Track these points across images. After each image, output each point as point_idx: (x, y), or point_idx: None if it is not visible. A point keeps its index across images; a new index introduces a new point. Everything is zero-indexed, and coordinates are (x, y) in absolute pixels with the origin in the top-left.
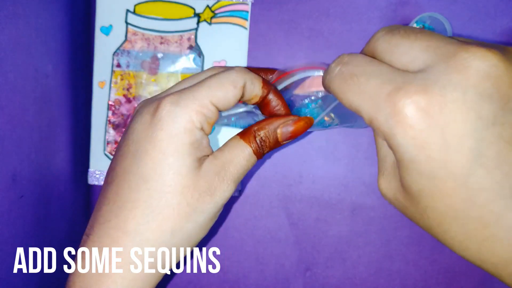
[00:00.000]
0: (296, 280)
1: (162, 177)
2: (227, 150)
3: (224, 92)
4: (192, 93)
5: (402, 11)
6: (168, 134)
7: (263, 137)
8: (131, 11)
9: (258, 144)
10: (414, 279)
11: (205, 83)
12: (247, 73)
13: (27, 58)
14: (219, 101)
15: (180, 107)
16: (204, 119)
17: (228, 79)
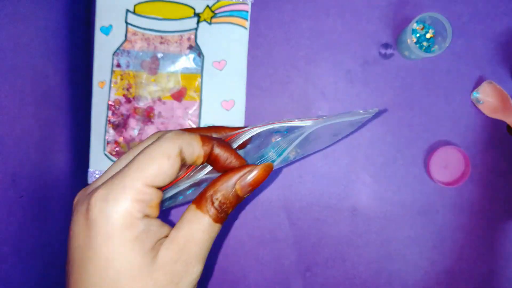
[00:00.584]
0: (296, 280)
1: (115, 283)
2: (184, 227)
3: (158, 168)
4: (121, 181)
5: (402, 11)
6: (106, 237)
7: (221, 200)
8: (131, 11)
9: (218, 209)
10: (414, 279)
11: (134, 164)
12: (180, 136)
13: (27, 58)
14: (155, 180)
15: (111, 202)
16: (144, 205)
17: (159, 151)
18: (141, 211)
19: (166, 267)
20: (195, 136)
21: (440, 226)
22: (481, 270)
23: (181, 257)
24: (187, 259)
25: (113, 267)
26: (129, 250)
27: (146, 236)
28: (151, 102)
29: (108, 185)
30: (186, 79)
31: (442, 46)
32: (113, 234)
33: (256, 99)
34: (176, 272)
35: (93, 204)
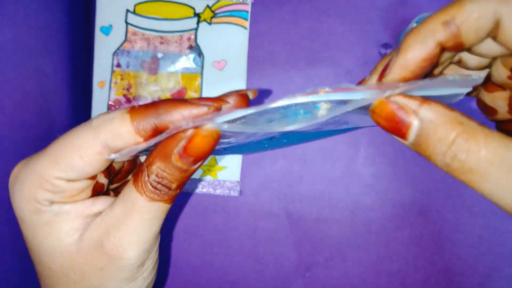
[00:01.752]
0: (296, 280)
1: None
2: (117, 206)
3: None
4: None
5: (402, 11)
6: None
7: (158, 174)
8: (131, 11)
9: (155, 186)
10: (414, 279)
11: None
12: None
13: (27, 58)
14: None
15: (18, 183)
16: (51, 194)
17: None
18: (47, 199)
19: (89, 249)
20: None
21: (440, 226)
22: (481, 270)
23: (109, 239)
24: (116, 242)
25: (32, 248)
26: (41, 233)
27: (62, 220)
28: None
29: (23, 162)
30: (186, 79)
31: None
32: (24, 218)
33: (256, 99)
34: (101, 256)
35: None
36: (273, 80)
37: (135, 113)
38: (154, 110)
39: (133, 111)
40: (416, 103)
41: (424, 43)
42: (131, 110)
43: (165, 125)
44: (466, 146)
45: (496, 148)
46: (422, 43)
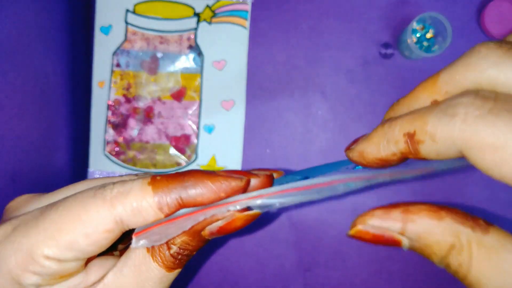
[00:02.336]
0: (296, 280)
1: None
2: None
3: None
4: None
5: (402, 11)
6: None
7: (181, 247)
8: (131, 11)
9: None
10: (414, 279)
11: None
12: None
13: (27, 58)
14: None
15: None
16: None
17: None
18: (33, 284)
19: None
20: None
21: None
22: None
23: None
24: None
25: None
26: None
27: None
28: (151, 102)
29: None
30: (186, 79)
31: (442, 46)
32: None
33: (256, 99)
34: None
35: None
36: (273, 80)
37: (157, 185)
38: (179, 182)
39: (156, 183)
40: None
41: (385, 147)
42: (153, 181)
43: (192, 201)
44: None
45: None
46: (384, 147)
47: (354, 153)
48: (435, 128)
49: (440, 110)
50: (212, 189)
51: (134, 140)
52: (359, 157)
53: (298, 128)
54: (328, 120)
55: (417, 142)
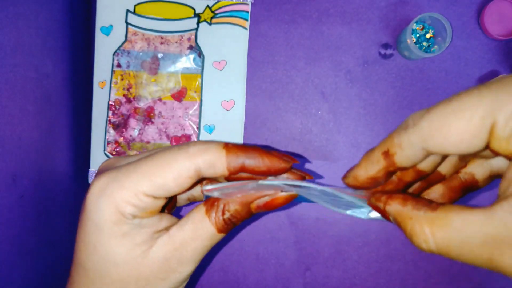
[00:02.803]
0: (296, 280)
1: (98, 267)
2: (186, 229)
3: (162, 183)
4: (122, 178)
5: (402, 11)
6: (95, 226)
7: (233, 214)
8: (131, 11)
9: (227, 221)
10: (414, 279)
11: (141, 166)
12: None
13: (27, 58)
14: (154, 192)
15: (104, 197)
16: (136, 209)
17: (170, 167)
18: (132, 214)
19: (156, 263)
20: (220, 154)
21: None
22: (480, 271)
23: (174, 256)
24: (180, 259)
25: (99, 253)
26: (115, 242)
27: (137, 232)
28: (151, 102)
29: (112, 176)
30: (186, 79)
31: (442, 46)
32: (102, 226)
33: (256, 99)
34: (165, 269)
35: (90, 192)
36: (273, 80)
37: (230, 150)
38: (244, 153)
39: (229, 148)
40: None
41: (370, 168)
42: (227, 146)
43: (250, 169)
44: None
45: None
46: (370, 168)
47: (349, 179)
48: (398, 139)
49: (398, 128)
50: (266, 164)
51: (135, 140)
52: (354, 180)
53: (298, 128)
54: (328, 120)
55: (391, 155)
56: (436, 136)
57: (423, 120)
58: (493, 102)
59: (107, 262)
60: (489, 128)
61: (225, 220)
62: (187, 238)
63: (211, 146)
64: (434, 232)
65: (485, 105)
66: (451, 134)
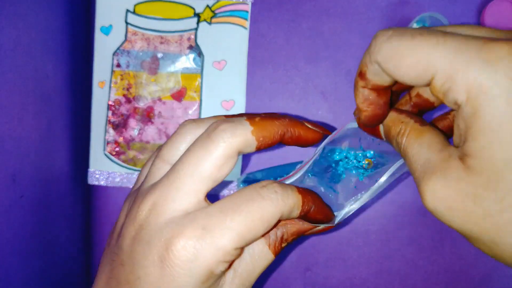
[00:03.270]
0: (296, 280)
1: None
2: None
3: (254, 234)
4: (214, 242)
5: (402, 11)
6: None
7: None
8: (131, 11)
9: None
10: (414, 279)
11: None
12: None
13: (27, 58)
14: (245, 244)
15: (199, 263)
16: (227, 264)
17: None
18: (222, 269)
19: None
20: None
21: (440, 226)
22: (481, 270)
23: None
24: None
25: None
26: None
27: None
28: (151, 102)
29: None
30: (186, 79)
31: None
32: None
33: (256, 99)
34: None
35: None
36: (273, 80)
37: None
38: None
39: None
40: None
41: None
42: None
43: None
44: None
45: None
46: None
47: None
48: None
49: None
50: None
51: (135, 140)
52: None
53: None
54: (328, 120)
55: (364, 72)
56: (390, 63)
57: (384, 44)
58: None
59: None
60: (430, 78)
61: (281, 248)
62: (251, 269)
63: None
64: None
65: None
66: (401, 65)
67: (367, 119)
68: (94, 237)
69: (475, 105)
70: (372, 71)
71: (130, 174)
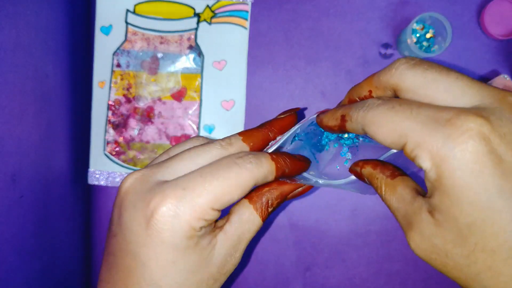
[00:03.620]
0: (296, 280)
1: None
2: (239, 223)
3: (230, 199)
4: (193, 200)
5: (402, 11)
6: (170, 246)
7: (274, 206)
8: (131, 11)
9: (269, 213)
10: (414, 279)
11: (209, 186)
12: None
13: (27, 58)
14: (222, 205)
15: (178, 218)
16: (205, 222)
17: (237, 185)
18: (202, 226)
19: (220, 260)
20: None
21: None
22: None
23: (233, 250)
24: (235, 252)
25: (178, 268)
26: (190, 253)
27: (203, 238)
28: (151, 102)
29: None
30: (186, 79)
31: (442, 46)
32: (178, 244)
33: (256, 99)
34: (226, 264)
35: (160, 216)
36: (273, 80)
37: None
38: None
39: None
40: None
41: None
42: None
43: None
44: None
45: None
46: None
47: (318, 119)
48: (351, 114)
49: (356, 105)
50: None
51: (135, 140)
52: (320, 122)
53: None
54: None
55: (344, 120)
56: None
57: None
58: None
59: (185, 273)
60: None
61: (268, 212)
62: (239, 234)
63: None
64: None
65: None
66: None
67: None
68: (94, 237)
69: (438, 172)
70: (351, 126)
71: None
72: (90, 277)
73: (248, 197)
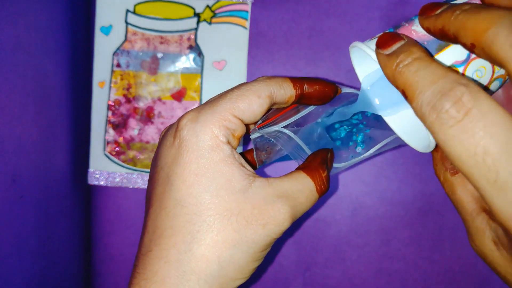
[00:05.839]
0: (296, 280)
1: (199, 200)
2: (289, 182)
3: (247, 103)
4: (211, 107)
5: (402, 11)
6: (195, 155)
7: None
8: (131, 11)
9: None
10: (414, 279)
11: (226, 96)
12: (272, 79)
13: (27, 58)
14: (242, 113)
15: (200, 123)
16: (228, 132)
17: (251, 90)
18: (226, 137)
19: (257, 202)
20: (285, 78)
21: (440, 226)
22: (480, 270)
23: (275, 203)
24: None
25: (201, 184)
26: (216, 170)
27: (232, 162)
28: (151, 102)
29: (199, 109)
30: (186, 79)
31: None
32: (202, 153)
33: None
34: (265, 214)
35: (182, 124)
36: None
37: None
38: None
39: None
40: None
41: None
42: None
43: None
44: None
45: None
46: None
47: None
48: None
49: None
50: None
51: (134, 140)
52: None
53: None
54: None
55: None
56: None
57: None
58: None
59: (209, 192)
60: None
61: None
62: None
63: (275, 76)
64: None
65: None
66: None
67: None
68: (94, 237)
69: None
70: None
71: (130, 174)
72: (90, 277)
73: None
